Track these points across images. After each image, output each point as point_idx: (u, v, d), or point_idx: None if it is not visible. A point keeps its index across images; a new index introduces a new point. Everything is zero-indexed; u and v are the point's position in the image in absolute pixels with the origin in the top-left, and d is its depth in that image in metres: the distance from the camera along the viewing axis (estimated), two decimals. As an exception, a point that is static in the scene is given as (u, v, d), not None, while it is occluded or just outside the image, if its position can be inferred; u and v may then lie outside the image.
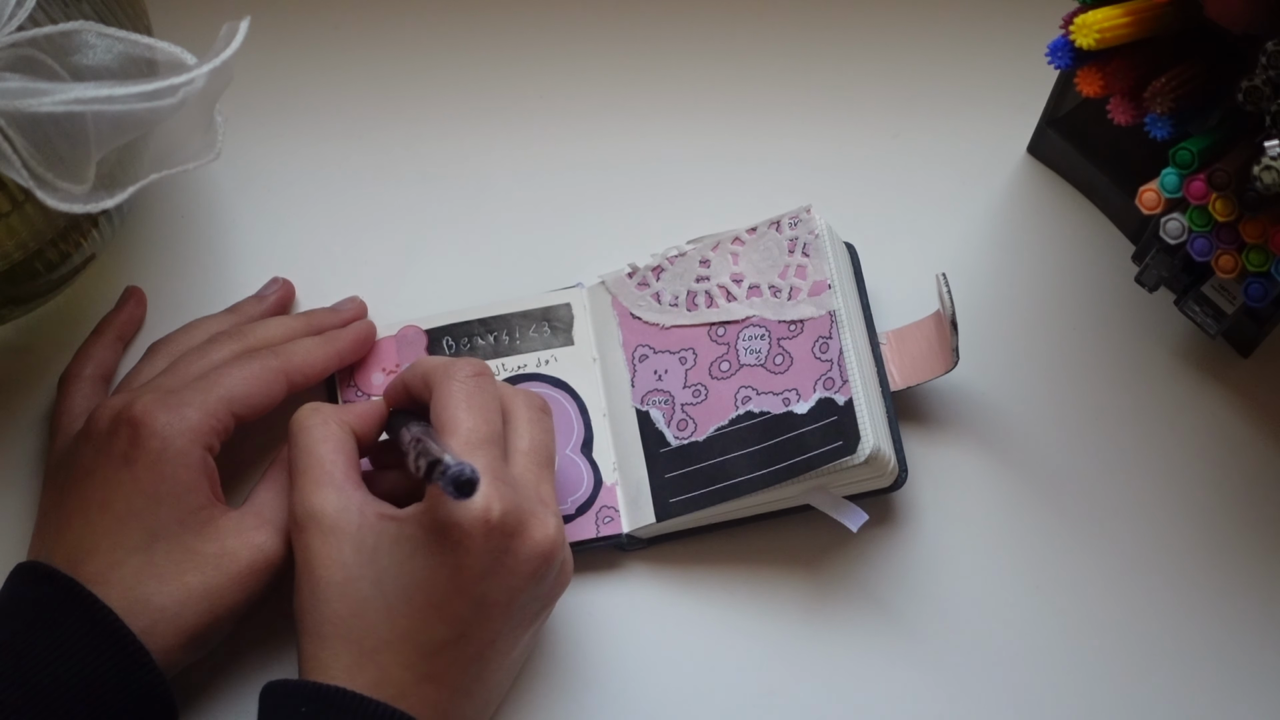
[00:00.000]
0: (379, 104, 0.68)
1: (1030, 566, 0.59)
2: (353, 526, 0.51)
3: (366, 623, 0.49)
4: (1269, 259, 0.53)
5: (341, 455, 0.53)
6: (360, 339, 0.62)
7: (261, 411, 0.57)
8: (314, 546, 0.51)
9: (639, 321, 0.62)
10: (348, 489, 0.52)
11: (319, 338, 0.60)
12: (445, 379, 0.53)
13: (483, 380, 0.53)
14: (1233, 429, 0.61)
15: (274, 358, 0.57)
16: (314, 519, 0.51)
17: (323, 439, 0.53)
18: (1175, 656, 0.58)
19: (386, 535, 0.50)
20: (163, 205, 0.66)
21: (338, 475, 0.52)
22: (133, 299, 0.63)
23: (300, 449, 0.53)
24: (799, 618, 0.59)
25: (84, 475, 0.54)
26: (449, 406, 0.52)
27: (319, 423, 0.53)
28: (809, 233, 0.60)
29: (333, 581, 0.50)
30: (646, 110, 0.68)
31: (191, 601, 0.52)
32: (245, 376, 0.56)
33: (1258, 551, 0.60)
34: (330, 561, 0.50)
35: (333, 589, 0.50)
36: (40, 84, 0.49)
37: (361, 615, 0.50)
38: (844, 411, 0.56)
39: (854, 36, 0.70)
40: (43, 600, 0.51)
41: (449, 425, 0.52)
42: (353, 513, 0.51)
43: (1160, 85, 0.53)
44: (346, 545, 0.50)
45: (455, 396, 0.52)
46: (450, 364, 0.54)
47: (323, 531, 0.51)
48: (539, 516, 0.51)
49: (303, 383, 0.59)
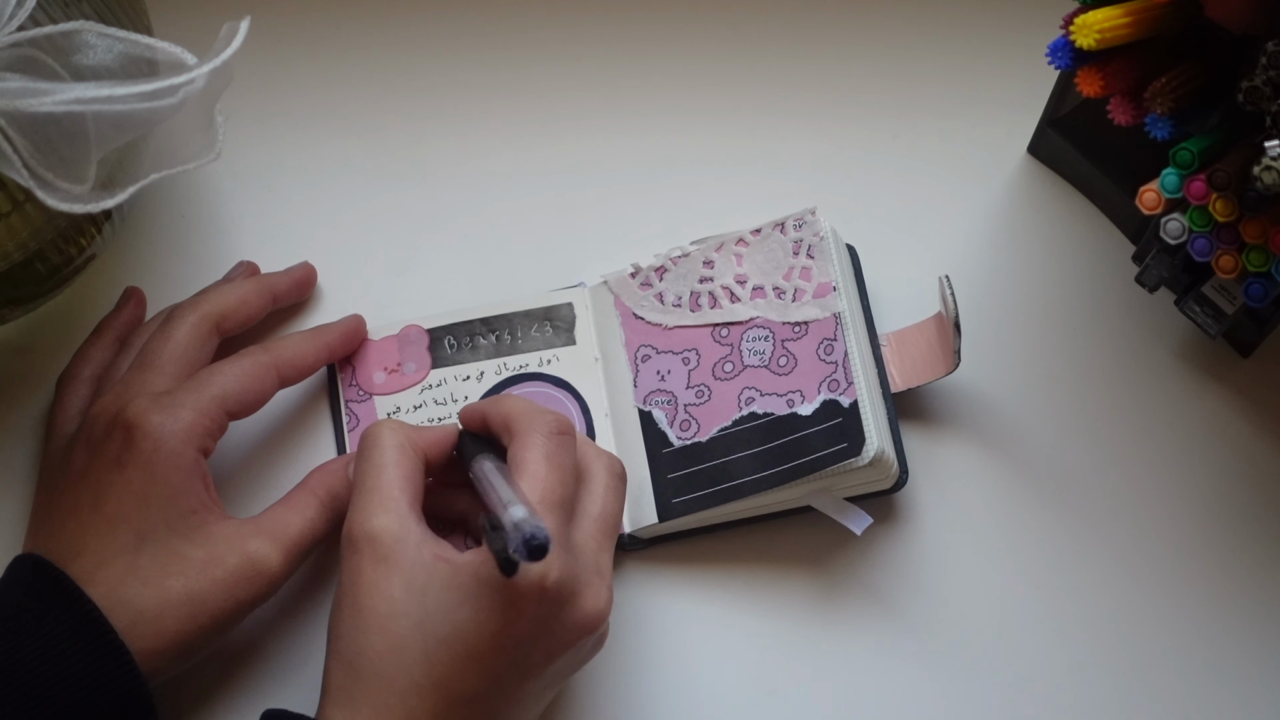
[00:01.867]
0: (380, 103, 0.68)
1: (1030, 566, 0.59)
2: (407, 561, 0.49)
3: (402, 663, 0.48)
4: (1269, 259, 0.53)
5: (410, 484, 0.52)
6: (348, 333, 0.61)
7: (254, 407, 0.57)
8: (364, 570, 0.50)
9: (642, 321, 0.62)
10: (409, 520, 0.51)
11: (307, 332, 0.60)
12: (530, 429, 0.52)
13: (566, 440, 0.52)
14: (1233, 429, 0.62)
15: (264, 353, 0.57)
16: (371, 542, 0.50)
17: (395, 463, 0.52)
18: (1175, 655, 0.58)
19: (438, 577, 0.49)
20: (163, 205, 0.66)
21: (403, 504, 0.51)
22: (132, 300, 0.63)
23: (371, 465, 0.52)
24: (799, 618, 0.59)
25: (78, 477, 0.54)
26: (529, 460, 0.51)
27: (395, 445, 0.52)
28: (814, 235, 0.60)
29: (376, 612, 0.49)
30: (648, 111, 0.68)
31: (171, 605, 0.51)
32: (236, 374, 0.56)
33: (1258, 551, 0.60)
34: (377, 591, 0.49)
35: (375, 620, 0.49)
36: (40, 84, 0.49)
37: (398, 654, 0.48)
38: (849, 413, 0.56)
39: (854, 37, 0.70)
40: (31, 591, 0.51)
41: (527, 478, 0.50)
42: (410, 545, 0.50)
43: (1160, 85, 0.53)
44: (396, 578, 0.49)
45: (537, 450, 0.51)
46: (537, 413, 0.53)
47: (376, 557, 0.50)
48: (593, 588, 0.50)
49: (293, 376, 0.59)
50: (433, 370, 0.62)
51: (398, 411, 0.61)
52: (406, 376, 0.62)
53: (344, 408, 0.62)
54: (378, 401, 0.62)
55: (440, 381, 0.62)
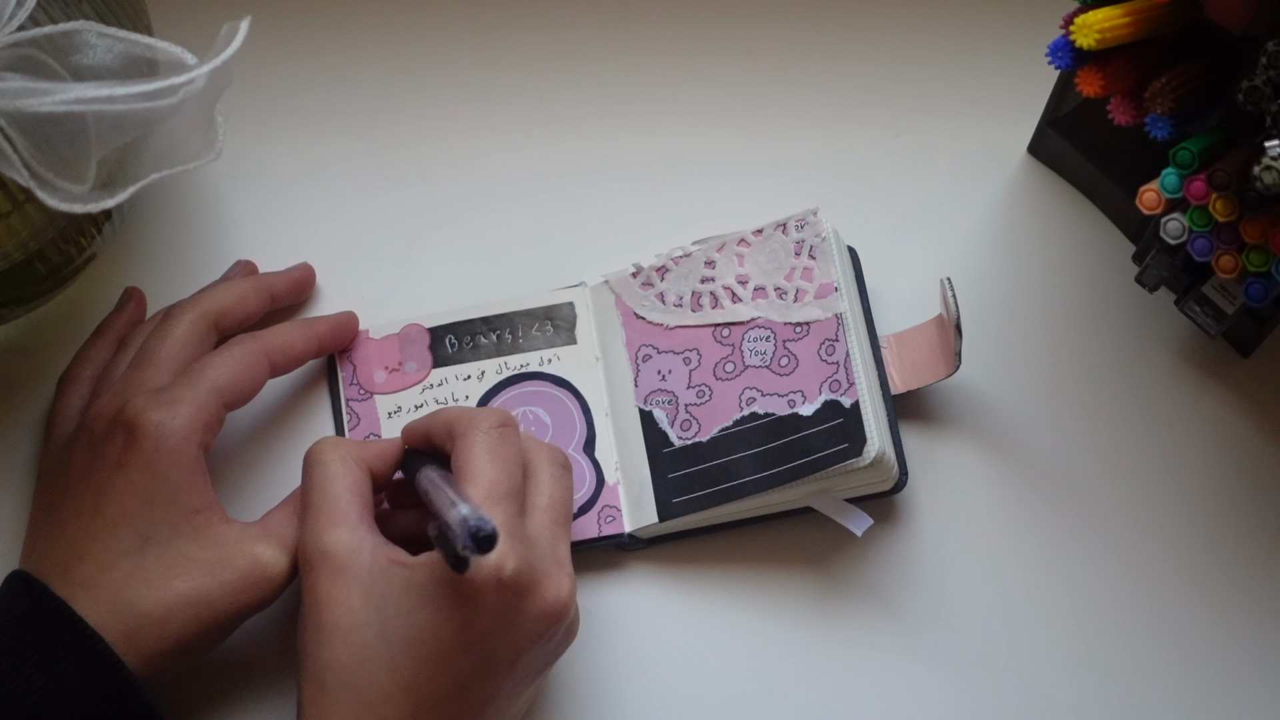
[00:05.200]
0: (380, 103, 0.68)
1: (1030, 566, 0.59)
2: (363, 570, 0.50)
3: (368, 672, 0.48)
4: (1269, 259, 0.53)
5: (358, 496, 0.52)
6: (339, 325, 0.62)
7: (248, 397, 0.57)
8: (322, 587, 0.50)
9: (643, 321, 0.62)
10: (361, 530, 0.51)
11: (296, 321, 0.61)
12: (470, 429, 0.52)
13: (507, 432, 0.53)
14: (1233, 429, 0.62)
15: (253, 340, 0.58)
16: (325, 558, 0.50)
17: (339, 476, 0.52)
18: (1175, 654, 0.58)
19: (396, 582, 0.49)
20: (163, 205, 0.66)
21: (352, 516, 0.51)
22: (133, 300, 0.63)
23: (315, 485, 0.52)
24: (799, 618, 0.59)
25: (79, 479, 0.54)
26: (472, 457, 0.51)
27: (336, 459, 0.53)
28: (816, 235, 0.60)
29: (338, 626, 0.49)
30: (649, 110, 0.68)
31: (178, 607, 0.51)
32: (230, 364, 0.56)
33: (1258, 551, 0.60)
34: (337, 604, 0.49)
35: (337, 634, 0.49)
36: (40, 84, 0.49)
37: (364, 664, 0.48)
38: (850, 414, 0.56)
39: (854, 37, 0.70)
40: (21, 616, 0.51)
41: (470, 476, 0.51)
42: (364, 555, 0.50)
43: (1160, 85, 0.53)
44: (355, 589, 0.49)
45: (479, 447, 0.52)
46: (476, 414, 0.53)
47: (332, 572, 0.50)
48: (552, 576, 0.50)
49: (284, 364, 0.59)
50: (434, 369, 0.62)
51: (399, 410, 0.61)
52: (407, 375, 0.62)
53: (345, 407, 0.62)
54: (379, 400, 0.62)
55: (441, 381, 0.62)
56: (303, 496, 0.53)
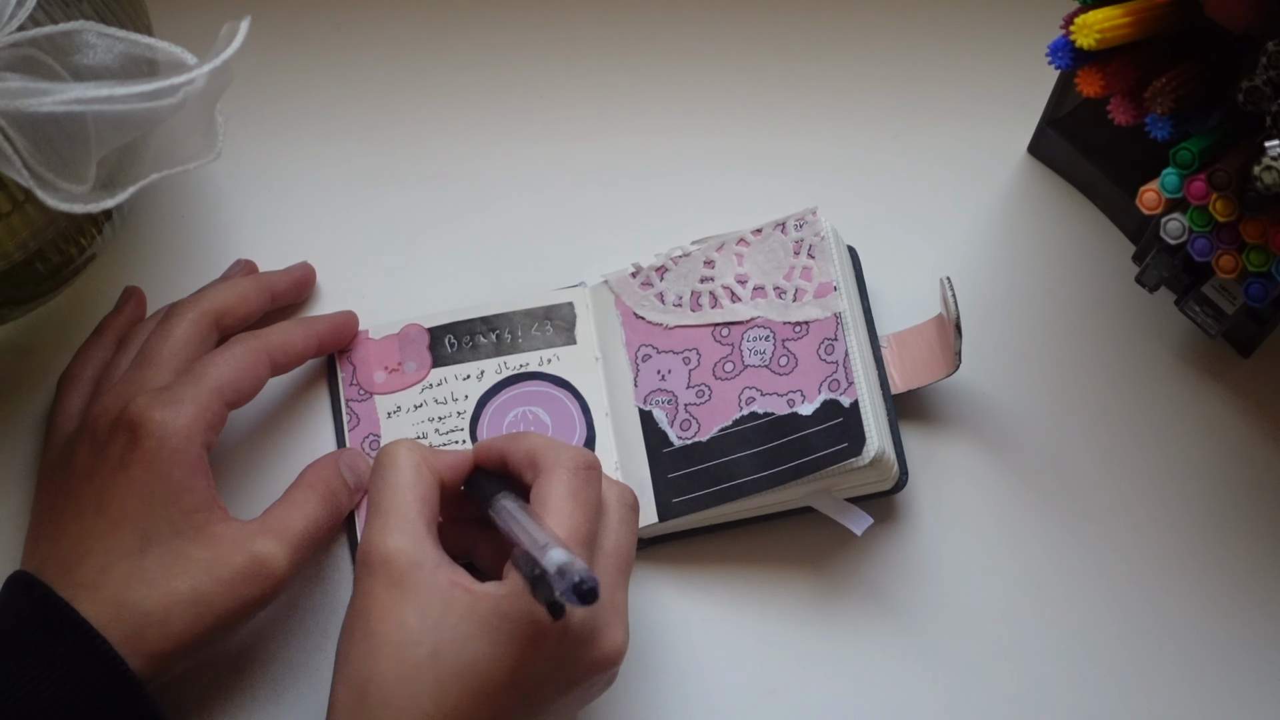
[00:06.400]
0: (380, 103, 0.68)
1: (1030, 566, 0.59)
2: (422, 586, 0.48)
3: (411, 692, 0.47)
4: (1269, 259, 0.53)
5: (426, 506, 0.51)
6: (338, 325, 0.61)
7: (250, 395, 0.57)
8: (376, 594, 0.48)
9: (642, 321, 0.62)
10: (425, 543, 0.50)
11: (296, 320, 0.61)
12: (556, 465, 0.51)
13: (591, 476, 0.51)
14: (1233, 429, 0.62)
15: (254, 339, 0.58)
16: (385, 564, 0.49)
17: (411, 484, 0.51)
18: (1175, 654, 0.58)
19: (456, 606, 0.48)
20: (163, 205, 0.66)
21: (420, 526, 0.50)
22: (133, 300, 0.63)
23: (387, 486, 0.51)
24: (799, 618, 0.59)
25: (80, 479, 0.54)
26: (556, 497, 0.50)
27: (411, 465, 0.51)
28: (815, 234, 0.60)
29: (389, 639, 0.48)
30: (648, 110, 0.68)
31: (178, 607, 0.51)
32: (231, 362, 0.56)
33: (1258, 551, 0.60)
34: (389, 616, 0.48)
35: (388, 648, 0.47)
36: (40, 84, 0.49)
37: (409, 683, 0.47)
38: (849, 413, 0.56)
39: (854, 37, 0.70)
40: (24, 617, 0.50)
41: (554, 515, 0.49)
42: (425, 570, 0.49)
43: (1160, 85, 0.53)
44: (411, 604, 0.48)
45: (565, 487, 0.50)
46: (562, 449, 0.52)
47: (390, 580, 0.48)
48: (611, 627, 0.50)
49: (284, 362, 0.59)
50: (433, 369, 0.62)
51: (398, 410, 0.61)
52: (407, 375, 0.62)
53: (344, 407, 0.62)
54: (378, 400, 0.62)
55: (441, 380, 0.62)
56: (370, 495, 0.52)
